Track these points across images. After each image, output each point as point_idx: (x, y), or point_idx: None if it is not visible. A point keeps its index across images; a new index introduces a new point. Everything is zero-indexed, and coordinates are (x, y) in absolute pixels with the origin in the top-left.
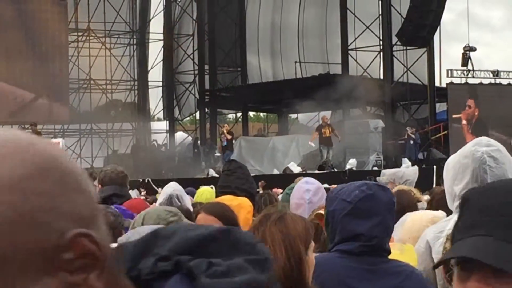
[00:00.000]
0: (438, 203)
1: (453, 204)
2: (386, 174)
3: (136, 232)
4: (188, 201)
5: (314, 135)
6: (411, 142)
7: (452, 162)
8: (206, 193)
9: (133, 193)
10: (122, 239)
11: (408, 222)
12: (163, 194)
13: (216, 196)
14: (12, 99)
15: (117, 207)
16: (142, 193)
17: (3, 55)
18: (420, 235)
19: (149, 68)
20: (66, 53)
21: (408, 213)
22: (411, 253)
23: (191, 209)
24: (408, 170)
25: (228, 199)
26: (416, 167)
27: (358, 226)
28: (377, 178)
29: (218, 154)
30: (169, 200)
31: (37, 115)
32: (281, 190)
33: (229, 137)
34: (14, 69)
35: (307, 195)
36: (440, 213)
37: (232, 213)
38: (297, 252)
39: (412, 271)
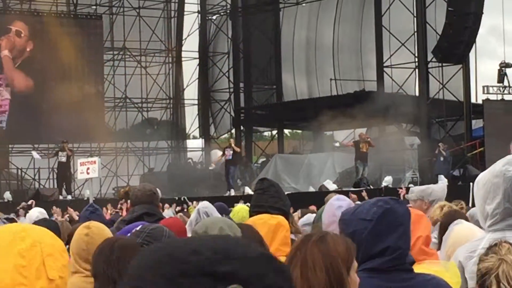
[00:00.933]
0: None
1: (485, 223)
2: (415, 192)
3: None
4: None
5: (350, 144)
6: (441, 158)
7: (482, 181)
8: (242, 211)
9: (169, 211)
10: None
11: (451, 238)
12: (194, 212)
13: (250, 216)
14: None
15: None
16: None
17: (39, 75)
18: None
19: (184, 86)
20: (102, 72)
21: (452, 227)
22: (455, 269)
23: None
24: (437, 187)
25: (265, 218)
26: (444, 184)
27: (383, 241)
28: (406, 196)
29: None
30: (199, 218)
31: (74, 134)
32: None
33: (237, 149)
34: (50, 89)
35: (339, 212)
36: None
37: (258, 236)
38: (338, 273)
39: (439, 282)
